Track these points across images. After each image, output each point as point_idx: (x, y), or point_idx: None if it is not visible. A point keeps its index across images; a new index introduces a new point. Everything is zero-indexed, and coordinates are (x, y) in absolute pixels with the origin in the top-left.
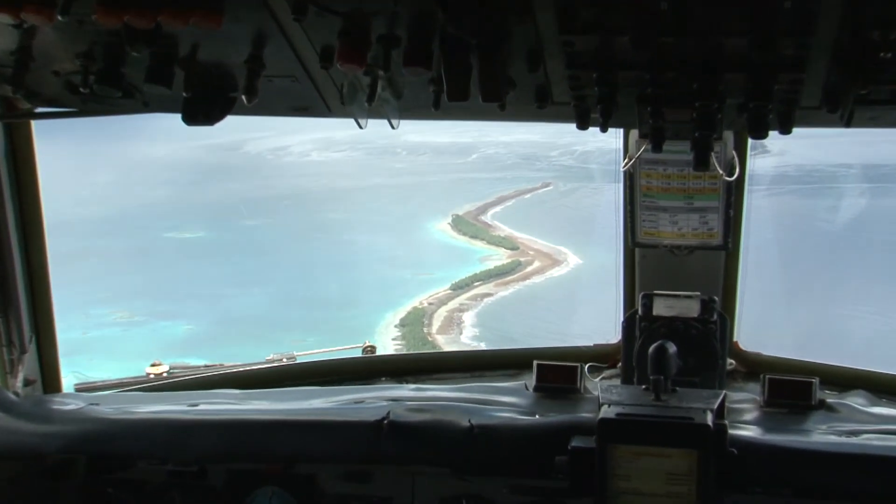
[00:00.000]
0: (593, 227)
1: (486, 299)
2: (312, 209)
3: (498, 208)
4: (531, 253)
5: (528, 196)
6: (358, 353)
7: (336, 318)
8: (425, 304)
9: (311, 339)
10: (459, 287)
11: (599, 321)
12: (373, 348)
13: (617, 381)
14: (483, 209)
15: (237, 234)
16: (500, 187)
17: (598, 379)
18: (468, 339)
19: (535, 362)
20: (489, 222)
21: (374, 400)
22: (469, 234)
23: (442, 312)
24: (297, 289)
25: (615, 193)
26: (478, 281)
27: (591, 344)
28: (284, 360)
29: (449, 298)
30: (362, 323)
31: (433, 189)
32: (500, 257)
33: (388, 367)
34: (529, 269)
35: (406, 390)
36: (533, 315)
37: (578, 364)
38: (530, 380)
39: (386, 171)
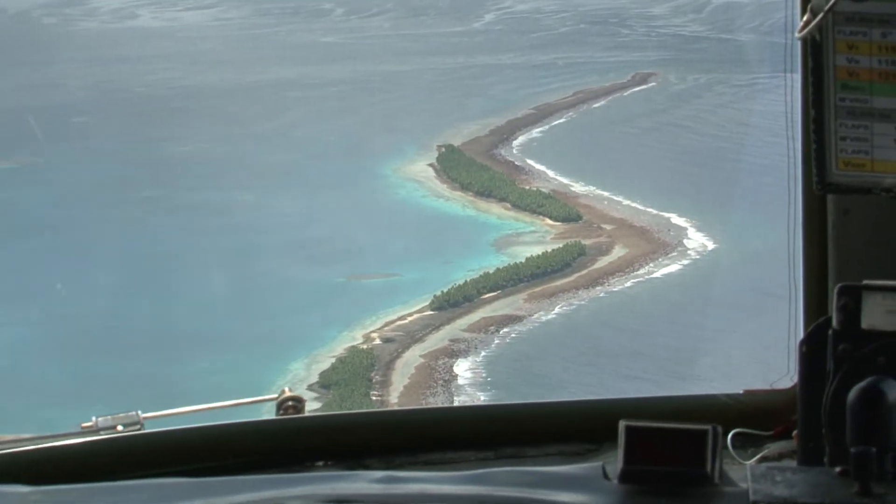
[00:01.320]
0: (742, 171)
1: (505, 330)
2: (140, 135)
3: (537, 131)
4: (606, 228)
5: (601, 103)
6: (270, 413)
7: (184, 375)
8: (377, 341)
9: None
10: (451, 303)
11: (753, 352)
12: (297, 402)
13: (790, 462)
14: (505, 133)
15: None
16: (542, 85)
17: (753, 460)
18: None
19: (621, 424)
20: (517, 161)
21: (302, 502)
22: (475, 187)
23: (411, 358)
24: (98, 311)
25: (786, 92)
26: (491, 290)
27: (740, 391)
28: (120, 427)
29: (427, 329)
30: (240, 382)
31: (400, 91)
32: (541, 236)
33: (333, 439)
34: (603, 262)
35: (367, 482)
36: (613, 368)
37: (709, 427)
38: (613, 459)
39: (300, 53)
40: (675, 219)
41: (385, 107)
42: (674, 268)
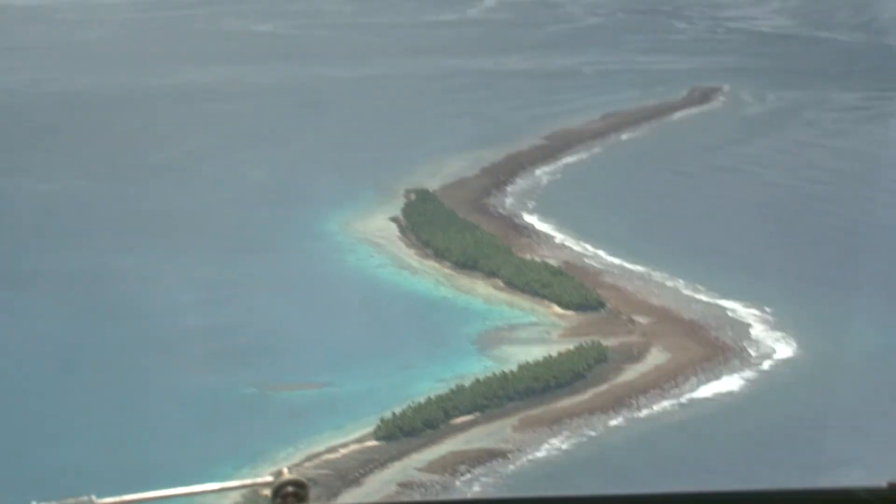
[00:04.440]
0: (846, 239)
1: (481, 471)
2: None
3: (547, 172)
4: (640, 322)
5: (640, 132)
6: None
7: None
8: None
9: None
10: (406, 430)
11: None
12: (300, 489)
13: None
14: (502, 174)
15: None
16: (558, 102)
17: None
18: None
19: None
20: (516, 218)
21: None
22: (455, 255)
23: None
24: None
25: None
26: (466, 412)
27: (884, 484)
28: None
29: (368, 466)
30: None
31: (357, 106)
32: (544, 332)
33: None
34: (632, 373)
35: None
36: None
37: None
38: None
39: (223, 46)
40: (738, 309)
41: (335, 129)
42: (731, 383)
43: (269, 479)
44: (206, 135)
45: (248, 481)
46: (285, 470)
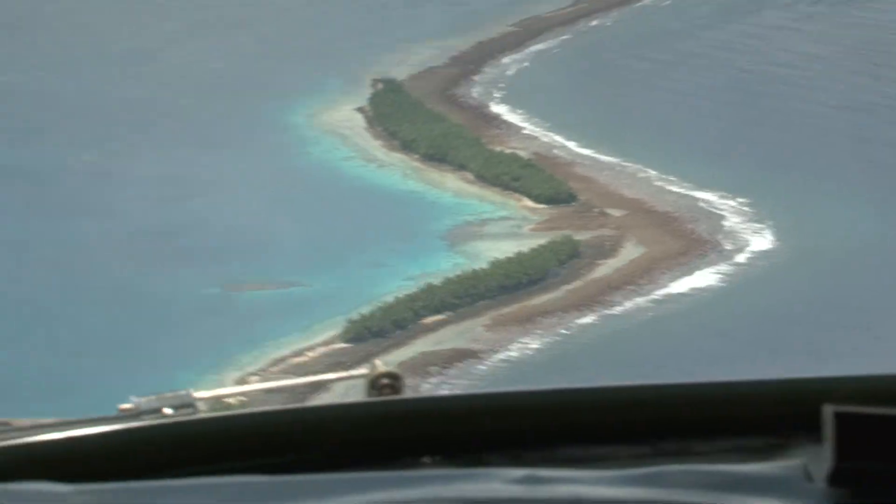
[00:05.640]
0: (829, 126)
1: (453, 373)
2: None
3: (516, 60)
4: (613, 215)
5: (611, 18)
6: (360, 392)
7: None
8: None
9: None
10: (374, 331)
11: None
12: (395, 381)
13: None
14: (471, 62)
15: None
16: None
17: None
18: None
19: (828, 410)
20: (486, 108)
21: None
22: (423, 147)
23: None
24: None
25: None
26: (436, 311)
27: None
28: (169, 410)
29: (335, 369)
30: None
31: None
32: (516, 226)
33: (441, 428)
34: (605, 268)
35: (502, 482)
36: None
37: None
38: (812, 455)
39: None
40: (715, 200)
41: (299, 16)
42: (708, 278)
43: (364, 371)
44: (169, 24)
45: (343, 374)
46: (379, 363)
